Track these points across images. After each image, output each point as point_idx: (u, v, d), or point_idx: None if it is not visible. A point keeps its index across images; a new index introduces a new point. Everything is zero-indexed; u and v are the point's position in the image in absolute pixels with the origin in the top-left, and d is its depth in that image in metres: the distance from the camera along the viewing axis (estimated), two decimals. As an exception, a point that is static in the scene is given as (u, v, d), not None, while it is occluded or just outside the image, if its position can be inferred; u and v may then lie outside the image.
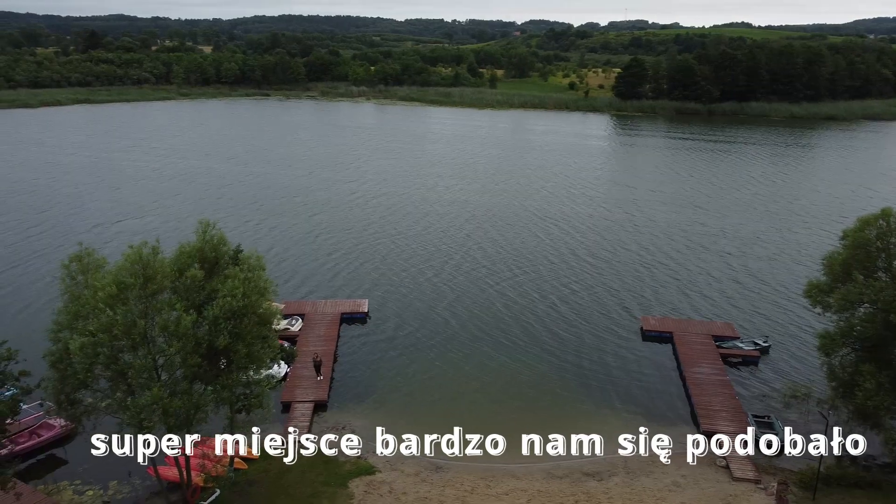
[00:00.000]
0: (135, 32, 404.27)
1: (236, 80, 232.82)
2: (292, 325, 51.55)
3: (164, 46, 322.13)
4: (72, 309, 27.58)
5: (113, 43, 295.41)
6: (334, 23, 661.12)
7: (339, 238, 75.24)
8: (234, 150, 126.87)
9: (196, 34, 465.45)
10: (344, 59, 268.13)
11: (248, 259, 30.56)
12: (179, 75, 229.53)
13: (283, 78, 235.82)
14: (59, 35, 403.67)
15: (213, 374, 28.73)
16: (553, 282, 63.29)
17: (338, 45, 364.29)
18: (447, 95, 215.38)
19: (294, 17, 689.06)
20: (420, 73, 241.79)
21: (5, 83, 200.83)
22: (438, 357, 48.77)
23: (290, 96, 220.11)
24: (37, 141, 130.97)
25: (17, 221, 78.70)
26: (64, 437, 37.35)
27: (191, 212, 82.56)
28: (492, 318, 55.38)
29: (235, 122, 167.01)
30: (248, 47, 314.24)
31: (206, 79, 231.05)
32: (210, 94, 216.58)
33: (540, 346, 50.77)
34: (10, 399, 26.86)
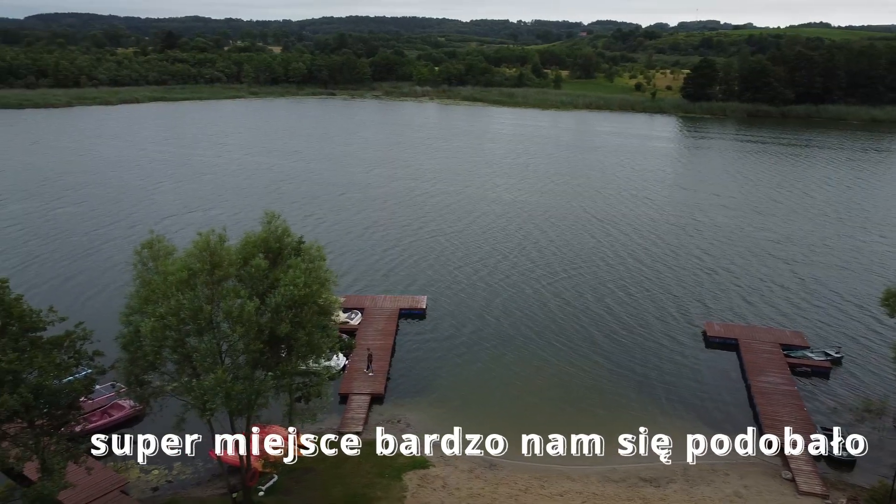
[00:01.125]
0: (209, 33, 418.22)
1: (304, 79, 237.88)
2: (352, 319, 52.27)
3: (236, 47, 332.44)
4: (143, 293, 28.60)
5: (188, 43, 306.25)
6: (400, 24, 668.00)
7: (397, 234, 75.99)
8: (296, 146, 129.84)
9: (266, 35, 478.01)
10: (408, 60, 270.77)
11: (310, 250, 31.05)
12: (249, 74, 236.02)
13: (349, 77, 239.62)
14: (138, 36, 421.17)
15: (274, 361, 29.34)
16: (610, 284, 62.32)
17: (403, 45, 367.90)
18: (510, 96, 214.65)
19: (361, 19, 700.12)
20: (484, 74, 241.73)
21: (88, 81, 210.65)
22: (494, 356, 48.60)
23: (355, 96, 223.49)
24: (114, 136, 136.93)
25: (92, 211, 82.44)
26: (133, 418, 38.87)
27: (253, 205, 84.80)
28: (547, 319, 54.87)
29: (300, 121, 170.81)
30: (315, 47, 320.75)
31: (274, 78, 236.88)
32: (278, 93, 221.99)
33: (597, 349, 50.00)
34: (85, 378, 28.06)
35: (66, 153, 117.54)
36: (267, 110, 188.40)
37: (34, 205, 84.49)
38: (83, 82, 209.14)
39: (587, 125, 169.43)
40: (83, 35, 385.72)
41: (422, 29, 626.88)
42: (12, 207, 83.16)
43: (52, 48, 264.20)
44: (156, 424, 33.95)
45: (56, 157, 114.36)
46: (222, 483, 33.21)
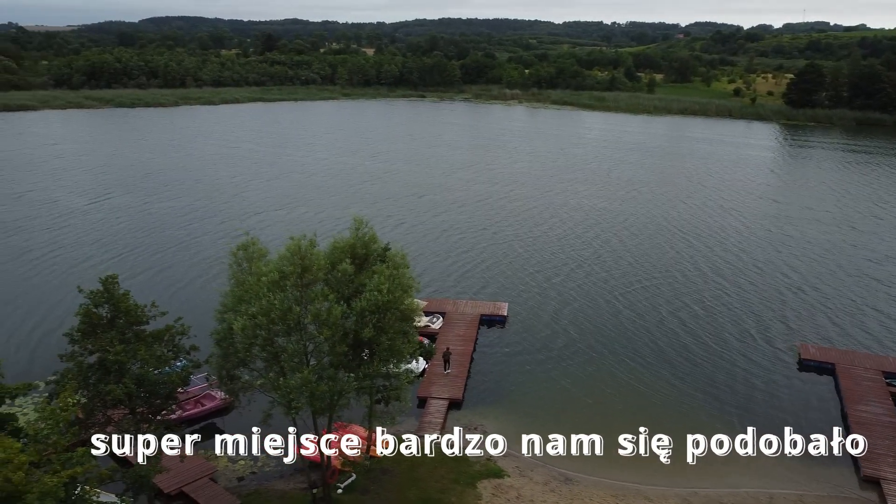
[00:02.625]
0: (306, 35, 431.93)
1: (395, 81, 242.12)
2: (433, 323, 52.92)
3: (331, 49, 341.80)
4: (237, 293, 30.08)
5: (287, 45, 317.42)
6: (492, 26, 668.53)
7: (475, 238, 76.48)
8: (381, 148, 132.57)
9: (361, 37, 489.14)
10: (499, 62, 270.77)
11: (395, 257, 31.79)
12: (343, 76, 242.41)
13: (439, 80, 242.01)
14: (240, 38, 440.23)
15: (357, 363, 30.21)
16: (686, 297, 60.50)
17: (494, 47, 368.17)
18: (601, 100, 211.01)
19: (453, 21, 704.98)
20: (575, 77, 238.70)
21: (193, 82, 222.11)
22: (575, 368, 48.05)
23: (444, 98, 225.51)
24: (213, 135, 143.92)
25: (186, 207, 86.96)
26: (223, 409, 40.89)
27: (336, 205, 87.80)
28: (630, 331, 53.74)
29: (388, 122, 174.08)
30: (407, 50, 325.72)
31: (367, 80, 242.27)
32: (370, 95, 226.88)
33: (678, 367, 48.54)
34: (182, 370, 29.77)
35: (168, 150, 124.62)
36: (357, 112, 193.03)
37: (134, 199, 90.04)
38: (189, 83, 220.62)
39: (679, 131, 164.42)
40: (190, 37, 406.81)
41: (513, 31, 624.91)
42: (115, 201, 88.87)
43: (162, 50, 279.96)
44: (244, 417, 35.64)
45: (158, 154, 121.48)
46: (303, 478, 34.44)
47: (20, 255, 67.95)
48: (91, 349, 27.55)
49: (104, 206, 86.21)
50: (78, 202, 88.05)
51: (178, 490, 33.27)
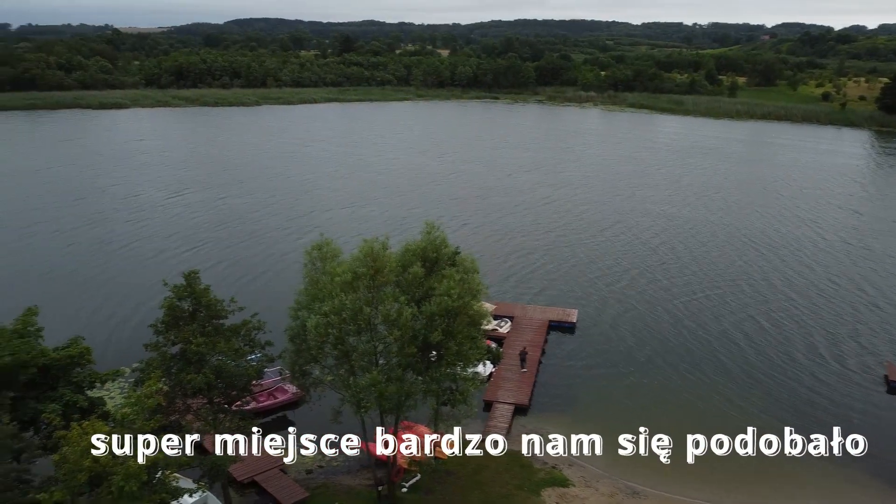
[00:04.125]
0: (382, 36, 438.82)
1: (469, 82, 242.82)
2: (501, 327, 52.89)
3: (406, 50, 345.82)
4: (311, 291, 30.92)
5: (363, 47, 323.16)
6: (568, 27, 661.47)
7: (542, 241, 76.24)
8: (449, 149, 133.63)
9: (436, 38, 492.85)
10: (574, 64, 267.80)
11: (464, 261, 31.95)
12: (418, 78, 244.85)
13: (513, 81, 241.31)
14: (319, 39, 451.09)
15: (424, 365, 30.54)
16: (752, 309, 58.49)
17: (569, 49, 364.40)
18: (679, 103, 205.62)
19: (528, 22, 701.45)
20: (652, 79, 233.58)
21: (274, 82, 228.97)
22: (642, 378, 47.10)
23: (518, 100, 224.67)
24: (289, 134, 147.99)
25: (258, 203, 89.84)
26: (295, 403, 42.11)
27: (402, 204, 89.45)
28: (695, 343, 52.30)
29: (459, 123, 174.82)
30: (482, 51, 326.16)
31: (441, 81, 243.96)
32: (444, 96, 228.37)
33: (755, 380, 46.86)
34: (257, 363, 30.86)
35: (246, 148, 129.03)
36: (430, 113, 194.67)
37: (211, 194, 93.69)
38: (269, 83, 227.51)
39: (760, 137, 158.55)
40: (272, 38, 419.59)
41: (590, 32, 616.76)
42: (192, 196, 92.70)
43: (244, 51, 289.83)
44: (314, 411, 36.59)
45: (236, 151, 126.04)
46: (369, 475, 35.08)
47: (103, 246, 71.72)
48: (174, 340, 28.90)
49: (182, 201, 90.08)
50: (158, 196, 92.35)
51: (250, 479, 34.49)
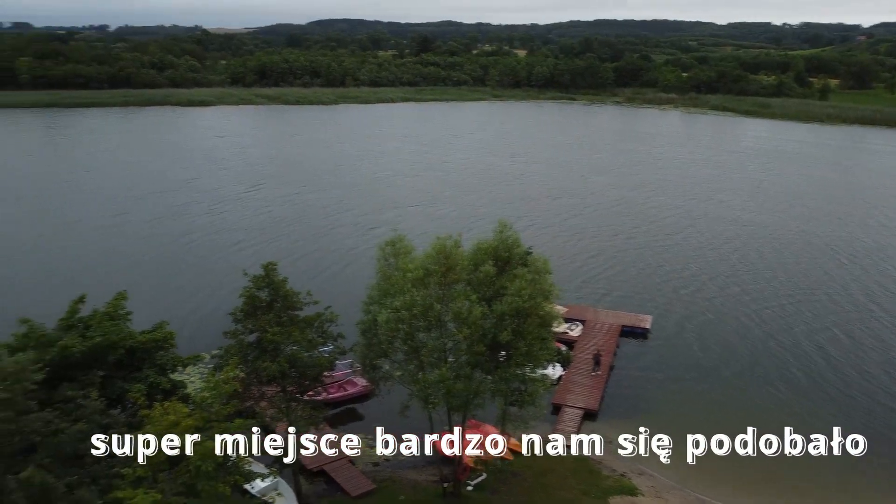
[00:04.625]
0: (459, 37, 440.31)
1: (546, 83, 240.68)
2: (571, 330, 52.19)
3: (483, 50, 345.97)
4: (382, 286, 31.34)
5: (440, 47, 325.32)
6: (649, 27, 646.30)
7: (611, 244, 75.01)
8: (522, 149, 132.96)
9: (513, 38, 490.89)
10: (655, 65, 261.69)
11: (536, 261, 31.65)
12: (494, 78, 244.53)
13: (591, 82, 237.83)
14: (397, 39, 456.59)
15: (493, 365, 30.46)
16: (830, 321, 55.75)
17: (650, 49, 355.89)
18: (765, 106, 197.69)
19: (608, 22, 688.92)
20: (737, 81, 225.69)
21: (352, 81, 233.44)
22: (719, 388, 45.53)
23: (595, 101, 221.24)
24: (365, 132, 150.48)
25: (330, 198, 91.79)
26: (364, 395, 42.76)
27: (471, 204, 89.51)
28: (778, 355, 50.16)
29: (534, 124, 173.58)
30: (560, 51, 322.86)
31: (517, 81, 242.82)
32: (520, 97, 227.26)
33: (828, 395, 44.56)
34: (329, 355, 31.49)
35: (322, 145, 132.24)
36: (505, 113, 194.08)
37: (287, 189, 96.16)
38: (348, 82, 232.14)
39: (852, 142, 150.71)
40: (351, 39, 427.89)
41: (672, 32, 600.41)
42: (269, 191, 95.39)
43: (325, 51, 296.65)
44: (383, 405, 37.08)
45: (313, 148, 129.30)
46: (435, 471, 35.25)
47: (185, 236, 74.73)
48: (251, 329, 29.80)
49: (260, 195, 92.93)
50: (237, 190, 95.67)
51: (319, 468, 35.26)
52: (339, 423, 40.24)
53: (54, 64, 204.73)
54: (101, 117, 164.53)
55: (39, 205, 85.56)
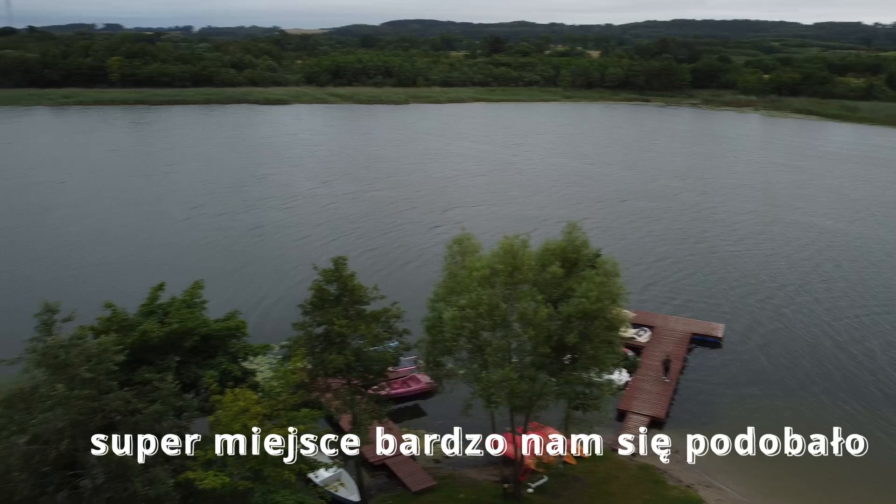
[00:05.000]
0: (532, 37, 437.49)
1: (619, 84, 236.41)
2: (639, 336, 51.03)
3: (556, 51, 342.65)
4: (449, 284, 31.41)
5: (512, 47, 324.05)
6: (730, 27, 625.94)
7: (680, 250, 73.05)
8: (591, 150, 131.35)
9: (587, 39, 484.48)
10: (734, 66, 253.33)
11: (605, 264, 31.06)
12: (566, 78, 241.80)
13: (666, 84, 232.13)
14: (470, 40, 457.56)
15: (558, 367, 30.08)
16: None
17: (730, 50, 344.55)
18: (853, 109, 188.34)
19: (687, 22, 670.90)
20: (822, 84, 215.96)
21: (424, 81, 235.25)
22: (795, 402, 43.51)
23: (670, 103, 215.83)
24: (434, 132, 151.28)
25: (400, 196, 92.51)
26: (427, 392, 42.95)
27: (536, 204, 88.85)
28: (859, 370, 47.49)
29: (605, 126, 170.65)
30: (635, 52, 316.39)
31: (590, 82, 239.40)
32: (592, 98, 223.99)
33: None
34: (394, 350, 31.79)
35: (392, 144, 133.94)
36: (576, 114, 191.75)
37: (356, 186, 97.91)
38: (420, 82, 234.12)
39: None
40: (424, 40, 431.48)
41: (754, 33, 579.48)
42: (338, 187, 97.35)
43: (398, 52, 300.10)
44: (445, 403, 37.22)
45: (383, 146, 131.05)
46: (496, 471, 35.10)
47: (255, 229, 76.99)
48: (319, 321, 30.34)
49: (330, 191, 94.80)
50: (309, 186, 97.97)
51: (381, 462, 35.63)
52: (401, 418, 40.54)
53: (142, 63, 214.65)
54: (184, 114, 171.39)
55: (125, 197, 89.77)
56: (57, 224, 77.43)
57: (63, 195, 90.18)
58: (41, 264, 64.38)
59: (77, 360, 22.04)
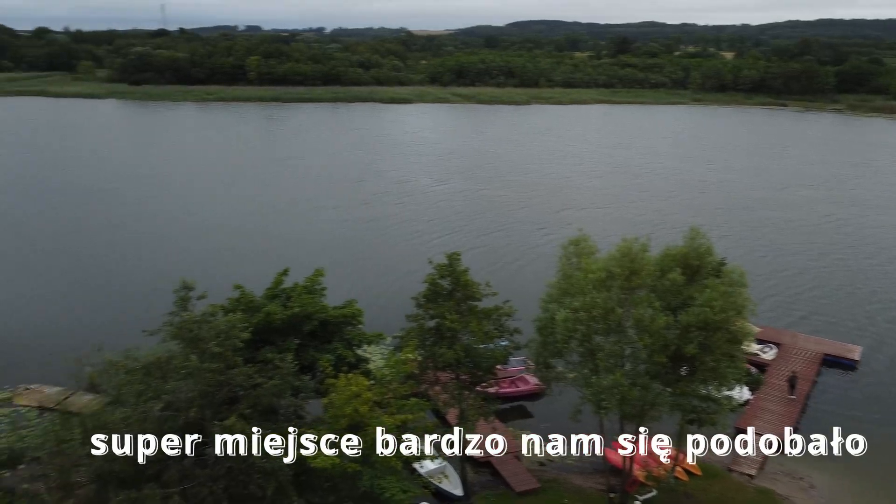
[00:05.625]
0: (661, 38, 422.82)
1: (753, 87, 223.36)
2: (764, 353, 48.08)
3: (686, 52, 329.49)
4: (562, 285, 30.86)
5: (640, 48, 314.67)
6: (882, 27, 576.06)
7: (822, 266, 68.19)
8: (717, 155, 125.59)
9: (720, 40, 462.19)
10: (887, 69, 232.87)
11: (731, 273, 29.47)
12: (696, 80, 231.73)
13: (807, 87, 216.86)
14: (595, 40, 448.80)
15: (674, 378, 28.88)
16: None
17: (883, 52, 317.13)
18: None
19: (833, 22, 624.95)
20: None
21: (546, 82, 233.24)
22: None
23: (811, 108, 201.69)
24: (553, 131, 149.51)
25: (514, 196, 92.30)
26: (535, 394, 42.56)
27: (658, 209, 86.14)
28: None
29: (735, 130, 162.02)
30: (772, 53, 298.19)
31: (722, 85, 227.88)
32: (723, 101, 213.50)
33: None
34: (504, 349, 31.71)
35: (508, 144, 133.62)
36: (705, 118, 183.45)
37: (470, 185, 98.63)
38: (542, 83, 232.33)
39: None
40: (548, 40, 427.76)
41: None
42: (453, 185, 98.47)
43: (521, 52, 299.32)
44: (553, 405, 36.70)
45: (499, 146, 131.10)
46: (602, 480, 34.19)
47: (374, 223, 79.20)
48: (431, 314, 30.80)
49: (445, 189, 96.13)
50: (425, 183, 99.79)
51: (485, 459, 35.64)
52: (508, 418, 40.37)
53: (277, 63, 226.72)
54: (312, 112, 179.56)
55: (255, 188, 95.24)
56: (196, 210, 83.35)
57: (200, 185, 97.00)
58: (180, 247, 69.51)
59: (207, 335, 23.59)
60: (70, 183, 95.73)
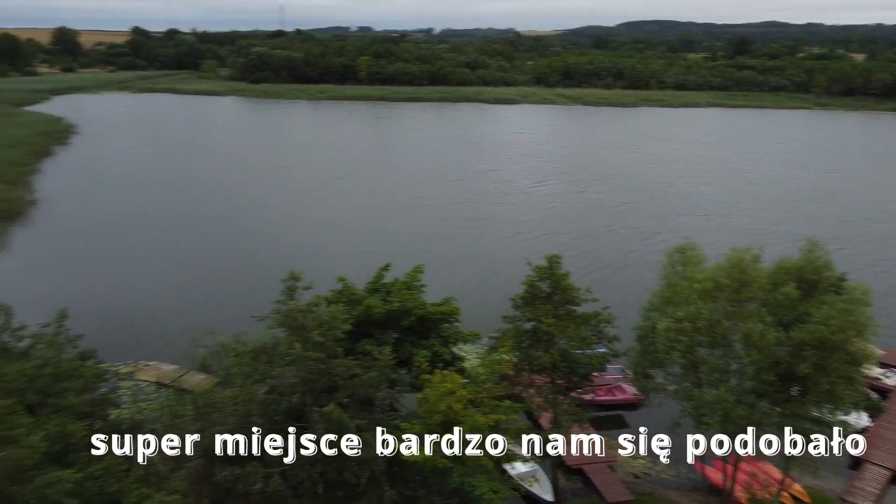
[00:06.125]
0: (784, 39, 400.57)
1: (886, 91, 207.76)
2: (887, 377, 44.62)
3: (811, 54, 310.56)
4: (666, 294, 29.90)
5: (760, 49, 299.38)
6: None
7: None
8: (839, 163, 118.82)
9: (849, 41, 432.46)
10: None
11: (852, 290, 27.55)
12: (820, 84, 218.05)
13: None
14: (711, 41, 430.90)
15: (783, 397, 27.35)
16: None
17: None
18: None
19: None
20: None
21: (656, 84, 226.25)
22: None
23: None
24: (662, 135, 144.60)
25: (616, 200, 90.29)
26: (632, 403, 41.38)
27: (769, 218, 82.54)
28: None
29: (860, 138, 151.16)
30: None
31: (850, 89, 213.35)
32: (850, 107, 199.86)
33: None
34: (602, 356, 31.03)
35: (615, 148, 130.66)
36: (827, 123, 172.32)
37: (571, 188, 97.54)
38: (652, 85, 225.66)
39: None
40: (660, 41, 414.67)
41: None
42: (554, 187, 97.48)
43: (631, 53, 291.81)
44: (651, 417, 35.57)
45: (606, 150, 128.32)
46: (700, 498, 32.86)
47: (472, 221, 79.44)
48: (528, 317, 30.59)
49: (545, 191, 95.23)
50: (525, 183, 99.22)
51: (578, 466, 35.05)
52: (603, 426, 39.47)
53: (387, 63, 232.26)
54: (419, 111, 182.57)
55: (360, 184, 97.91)
56: (307, 204, 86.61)
57: (311, 180, 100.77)
58: (290, 240, 72.47)
59: (311, 325, 24.50)
60: (192, 177, 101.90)
